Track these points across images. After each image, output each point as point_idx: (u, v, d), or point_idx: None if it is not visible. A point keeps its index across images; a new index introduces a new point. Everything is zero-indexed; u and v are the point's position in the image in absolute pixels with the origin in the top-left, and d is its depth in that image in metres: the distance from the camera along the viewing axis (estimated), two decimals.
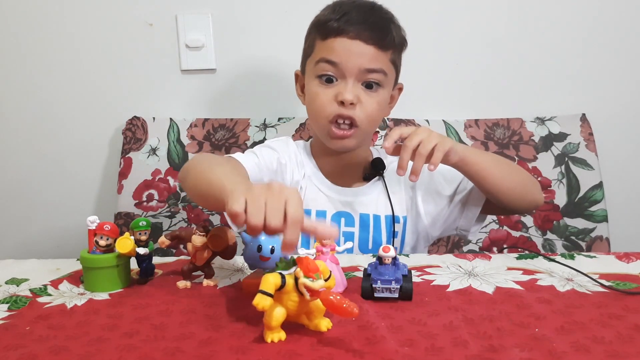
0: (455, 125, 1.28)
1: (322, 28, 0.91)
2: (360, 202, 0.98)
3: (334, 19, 0.89)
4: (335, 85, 0.90)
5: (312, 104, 0.93)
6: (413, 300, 0.63)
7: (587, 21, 1.28)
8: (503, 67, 1.30)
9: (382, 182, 0.99)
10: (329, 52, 0.89)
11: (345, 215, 0.97)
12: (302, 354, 0.50)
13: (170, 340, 0.54)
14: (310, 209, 0.96)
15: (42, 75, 1.30)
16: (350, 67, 0.88)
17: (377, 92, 0.91)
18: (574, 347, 0.51)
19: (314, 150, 1.02)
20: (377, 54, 0.89)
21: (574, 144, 1.25)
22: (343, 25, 0.88)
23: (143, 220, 0.70)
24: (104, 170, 1.34)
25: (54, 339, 0.55)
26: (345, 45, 0.88)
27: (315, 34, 0.93)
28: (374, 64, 0.89)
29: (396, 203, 0.97)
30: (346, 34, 0.88)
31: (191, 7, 1.27)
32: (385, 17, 0.92)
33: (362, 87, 0.90)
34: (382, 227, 0.97)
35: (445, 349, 0.51)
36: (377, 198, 0.98)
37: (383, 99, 0.93)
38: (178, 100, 1.31)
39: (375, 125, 0.96)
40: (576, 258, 0.80)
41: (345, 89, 0.88)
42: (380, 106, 0.92)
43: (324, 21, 0.91)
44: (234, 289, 0.69)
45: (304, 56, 0.97)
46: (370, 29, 0.88)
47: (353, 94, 0.88)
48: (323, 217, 0.96)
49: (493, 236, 1.22)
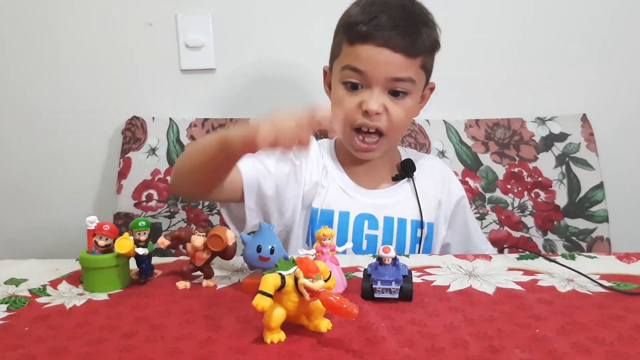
0: (455, 125, 1.28)
1: (350, 31, 0.87)
2: (385, 205, 0.95)
3: (363, 22, 0.85)
4: (360, 93, 0.87)
5: (336, 109, 0.90)
6: (413, 301, 0.63)
7: (587, 21, 1.28)
8: (503, 67, 1.30)
9: (410, 184, 0.97)
10: (355, 59, 0.86)
11: (369, 217, 0.94)
12: (302, 355, 0.50)
13: (169, 340, 0.54)
14: (333, 210, 0.93)
15: (41, 75, 1.30)
16: (377, 76, 0.85)
17: (404, 99, 0.88)
18: (574, 347, 0.51)
19: (338, 150, 0.99)
20: (406, 62, 0.86)
21: (575, 144, 1.25)
22: (371, 31, 0.84)
23: (142, 220, 0.69)
24: (103, 170, 1.34)
25: (53, 340, 0.54)
26: (372, 53, 0.85)
27: (342, 36, 0.89)
28: (402, 72, 0.86)
29: (425, 208, 0.95)
30: (374, 40, 0.84)
31: (191, 6, 1.27)
32: (417, 19, 0.88)
33: (388, 96, 0.87)
34: (407, 231, 0.94)
35: (445, 350, 0.51)
36: (404, 201, 0.96)
37: (410, 106, 0.90)
38: (178, 100, 1.31)
39: (402, 132, 0.95)
40: (577, 258, 0.79)
41: (370, 98, 0.85)
42: (407, 114, 0.90)
43: (352, 23, 0.87)
44: (233, 289, 0.69)
45: (332, 55, 0.94)
46: (400, 35, 0.84)
47: (378, 103, 0.85)
48: (346, 219, 0.93)
49: (493, 236, 1.22)
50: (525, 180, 1.24)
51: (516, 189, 1.23)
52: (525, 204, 1.23)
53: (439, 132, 1.27)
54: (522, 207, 1.23)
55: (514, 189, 1.23)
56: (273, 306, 0.52)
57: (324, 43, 1.28)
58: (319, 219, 0.93)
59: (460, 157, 1.25)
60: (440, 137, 1.27)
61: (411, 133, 1.25)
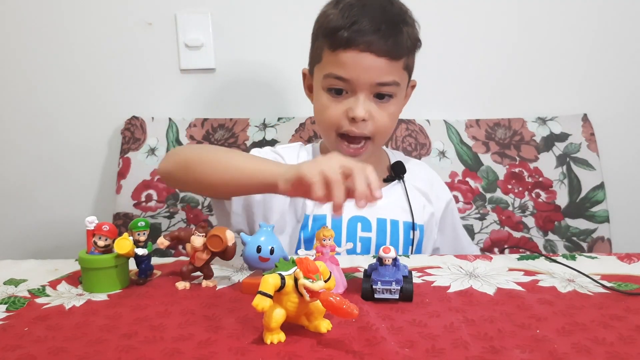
0: (456, 126, 1.27)
1: (331, 37, 0.85)
2: (378, 207, 0.94)
3: (344, 27, 0.83)
4: (345, 99, 0.87)
5: (321, 116, 0.90)
6: (413, 302, 0.63)
7: (588, 21, 1.28)
8: (504, 67, 1.30)
9: (401, 186, 0.97)
10: (338, 67, 0.85)
11: (362, 220, 0.93)
12: (302, 356, 0.50)
13: (169, 341, 0.54)
14: (325, 214, 0.93)
15: (40, 75, 1.30)
16: (362, 82, 0.84)
17: (389, 102, 0.88)
18: (575, 348, 0.51)
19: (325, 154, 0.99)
20: (389, 66, 0.85)
21: (576, 144, 1.25)
22: (353, 36, 0.83)
23: (142, 220, 0.69)
24: (103, 170, 1.34)
25: (52, 340, 0.54)
26: (355, 59, 0.83)
27: (323, 41, 0.87)
28: (386, 77, 0.85)
29: (415, 210, 0.95)
30: (356, 46, 0.83)
31: (190, 6, 1.27)
32: (398, 20, 0.87)
33: (373, 99, 0.87)
34: (400, 233, 0.94)
35: (445, 350, 0.51)
36: (395, 202, 0.95)
37: (396, 108, 0.90)
38: (177, 100, 1.31)
39: (388, 134, 0.94)
40: (577, 259, 0.79)
41: (356, 105, 0.85)
42: (391, 117, 0.90)
43: (332, 29, 0.85)
44: (233, 289, 0.68)
45: (312, 59, 0.93)
46: (383, 39, 0.83)
47: (365, 109, 0.85)
48: (339, 222, 0.92)
49: (494, 237, 1.22)
50: (526, 180, 1.24)
51: (517, 189, 1.23)
52: (526, 204, 1.23)
53: (439, 132, 1.27)
54: (522, 207, 1.23)
55: (514, 189, 1.23)
56: (273, 307, 0.52)
57: None
58: (311, 225, 0.92)
59: (460, 157, 1.25)
60: (441, 137, 1.26)
61: (411, 133, 1.25)
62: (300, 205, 0.94)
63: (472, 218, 1.22)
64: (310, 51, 0.94)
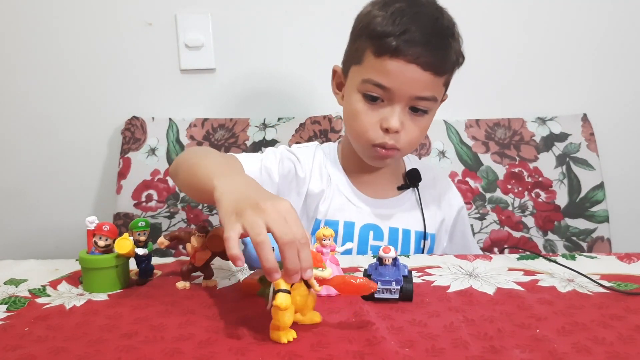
0: (456, 125, 1.27)
1: (378, 42, 0.81)
2: (390, 215, 0.93)
3: (393, 34, 0.79)
4: (380, 107, 0.84)
5: (353, 122, 0.87)
6: (413, 301, 0.63)
7: (588, 21, 1.28)
8: (504, 67, 1.30)
9: (415, 194, 0.96)
10: (381, 74, 0.81)
11: (374, 228, 0.92)
12: (302, 355, 0.50)
13: (169, 341, 0.54)
14: (337, 220, 0.91)
15: (40, 75, 1.30)
16: (402, 94, 0.81)
17: (423, 117, 0.85)
18: (574, 348, 0.51)
19: (344, 158, 0.96)
20: (432, 81, 0.82)
21: (575, 144, 1.25)
22: (403, 46, 0.79)
23: (142, 220, 0.69)
24: (103, 170, 1.34)
25: (52, 340, 0.54)
26: (400, 69, 0.80)
27: (368, 44, 0.83)
28: (427, 91, 0.82)
29: (427, 219, 0.94)
30: (404, 56, 0.79)
31: (190, 6, 1.27)
32: (447, 33, 0.83)
33: (408, 112, 0.84)
34: (412, 242, 0.93)
35: (445, 350, 0.51)
36: (408, 211, 0.94)
37: (427, 122, 0.87)
38: (177, 100, 1.31)
39: (414, 147, 0.92)
40: (577, 259, 0.79)
41: (392, 115, 0.82)
42: (423, 130, 0.88)
43: (380, 33, 0.80)
44: (233, 289, 0.68)
45: (349, 59, 0.88)
46: (431, 53, 0.80)
47: (399, 121, 0.82)
48: (351, 229, 0.91)
49: (494, 237, 1.22)
50: (526, 180, 1.24)
51: (516, 189, 1.23)
52: (526, 204, 1.23)
53: (439, 132, 1.27)
54: (522, 207, 1.23)
55: (514, 189, 1.23)
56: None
57: (324, 43, 1.28)
58: None
59: (460, 157, 1.25)
60: (441, 137, 1.27)
61: None
62: (312, 209, 0.92)
63: (472, 218, 1.22)
64: (348, 49, 0.89)
